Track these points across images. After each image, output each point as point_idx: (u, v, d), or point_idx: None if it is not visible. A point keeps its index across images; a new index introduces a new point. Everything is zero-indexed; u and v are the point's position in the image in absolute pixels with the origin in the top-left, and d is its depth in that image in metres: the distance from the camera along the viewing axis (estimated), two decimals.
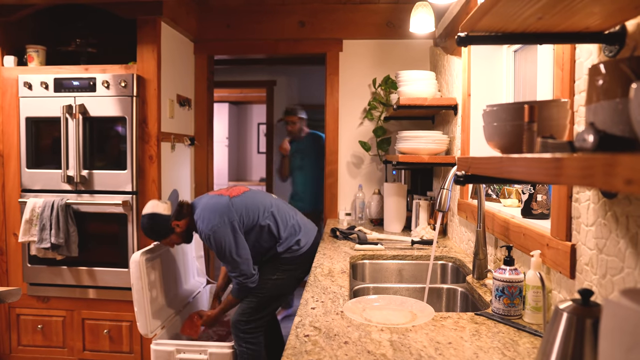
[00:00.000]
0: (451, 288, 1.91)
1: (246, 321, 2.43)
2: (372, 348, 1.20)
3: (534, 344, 1.23)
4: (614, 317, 0.62)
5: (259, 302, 2.46)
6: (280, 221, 2.47)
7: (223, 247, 2.32)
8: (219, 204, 2.39)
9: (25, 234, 2.81)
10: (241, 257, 2.35)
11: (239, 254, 2.35)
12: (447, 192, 1.75)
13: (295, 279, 2.55)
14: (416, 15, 2.65)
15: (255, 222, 2.41)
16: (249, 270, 2.38)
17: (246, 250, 2.37)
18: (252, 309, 2.45)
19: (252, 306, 2.45)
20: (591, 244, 1.15)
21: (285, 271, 2.49)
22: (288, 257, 2.48)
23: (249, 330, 2.43)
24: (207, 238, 2.34)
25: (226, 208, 2.36)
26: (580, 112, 1.20)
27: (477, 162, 0.97)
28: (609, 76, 0.75)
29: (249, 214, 2.40)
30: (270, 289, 2.47)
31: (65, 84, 2.87)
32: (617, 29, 1.02)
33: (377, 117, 3.43)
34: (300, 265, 2.51)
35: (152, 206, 2.41)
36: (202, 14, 3.50)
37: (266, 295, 2.47)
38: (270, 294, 2.47)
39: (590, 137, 0.65)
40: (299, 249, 2.50)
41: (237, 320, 2.46)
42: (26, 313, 3.03)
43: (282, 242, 2.46)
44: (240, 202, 2.41)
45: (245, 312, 2.45)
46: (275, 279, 2.47)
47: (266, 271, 2.49)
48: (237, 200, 2.41)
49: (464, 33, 1.08)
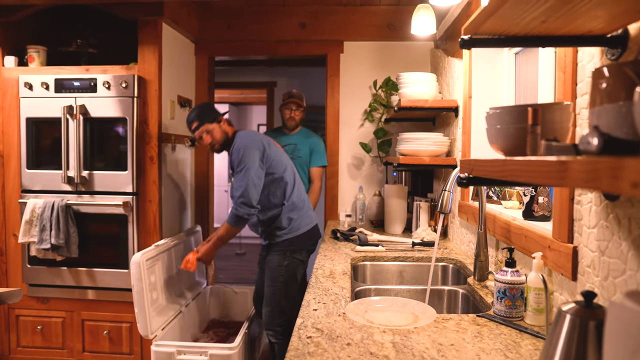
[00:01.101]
0: (452, 290, 1.91)
1: (280, 312, 2.53)
2: (375, 350, 1.20)
3: (536, 345, 1.23)
4: (619, 320, 0.63)
5: (282, 289, 2.55)
6: (296, 187, 2.64)
7: (243, 162, 2.44)
8: (259, 134, 2.67)
9: (25, 235, 2.81)
10: (253, 180, 2.44)
11: (252, 176, 2.44)
12: (449, 194, 1.76)
13: (300, 261, 2.63)
14: (417, 17, 2.66)
15: (276, 171, 2.56)
16: (252, 196, 2.44)
17: (260, 180, 2.48)
18: (279, 296, 2.54)
19: (277, 296, 2.54)
20: (593, 246, 1.16)
21: (291, 255, 2.60)
22: (290, 238, 2.59)
23: (284, 322, 2.53)
24: (237, 151, 2.46)
25: (264, 139, 2.58)
26: (583, 115, 1.20)
27: (480, 164, 0.97)
28: (613, 79, 0.76)
29: (276, 161, 2.57)
30: (284, 274, 2.57)
31: (66, 84, 2.87)
32: (620, 33, 1.02)
33: (377, 118, 3.43)
34: (300, 246, 2.62)
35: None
36: (203, 15, 3.51)
37: (284, 280, 2.56)
38: (285, 279, 2.57)
39: (595, 140, 0.66)
40: (299, 227, 2.60)
41: (271, 312, 2.55)
42: (26, 314, 3.03)
43: (286, 205, 2.58)
44: (275, 149, 2.62)
45: (275, 303, 2.54)
46: (287, 264, 2.57)
47: (277, 260, 2.58)
48: (274, 147, 2.62)
49: (467, 36, 1.08)
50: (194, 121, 2.58)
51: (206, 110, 2.61)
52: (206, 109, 2.63)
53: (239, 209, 2.44)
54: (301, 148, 3.31)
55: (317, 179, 3.33)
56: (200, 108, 2.62)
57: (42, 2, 2.82)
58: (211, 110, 2.63)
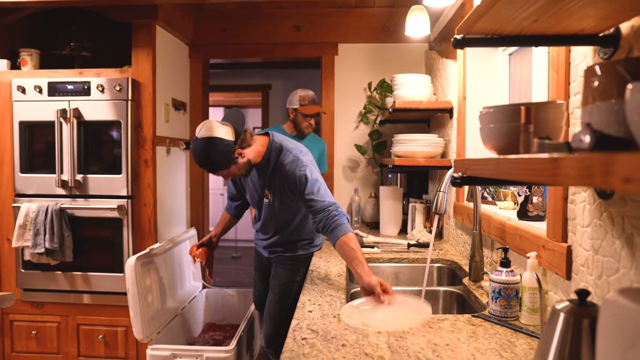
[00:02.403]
0: (448, 290, 1.91)
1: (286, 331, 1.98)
2: (370, 351, 1.19)
3: (531, 345, 1.23)
4: (612, 317, 0.63)
5: (291, 306, 2.19)
6: None
7: (315, 177, 1.99)
8: (300, 144, 2.16)
9: (19, 239, 2.79)
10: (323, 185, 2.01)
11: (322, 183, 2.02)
12: (444, 195, 1.76)
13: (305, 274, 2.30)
14: (411, 19, 2.66)
15: None
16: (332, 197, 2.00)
17: None
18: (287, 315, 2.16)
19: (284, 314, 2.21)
20: (587, 245, 1.16)
21: (304, 270, 2.26)
22: (304, 254, 2.30)
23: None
24: (296, 177, 1.99)
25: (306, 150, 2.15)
26: (576, 114, 1.21)
27: (474, 163, 0.98)
28: (605, 77, 0.76)
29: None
30: (295, 291, 2.24)
31: (59, 87, 2.85)
32: (612, 32, 1.03)
33: (372, 120, 3.44)
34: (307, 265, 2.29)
35: (208, 128, 1.90)
36: (197, 17, 3.51)
37: (294, 297, 2.20)
38: (295, 296, 2.19)
39: (587, 137, 0.66)
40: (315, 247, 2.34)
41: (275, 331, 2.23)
42: (20, 319, 3.00)
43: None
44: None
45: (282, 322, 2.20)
46: (299, 280, 2.26)
47: (287, 275, 2.27)
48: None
49: (460, 35, 1.08)
50: (207, 170, 2.00)
51: (214, 155, 1.89)
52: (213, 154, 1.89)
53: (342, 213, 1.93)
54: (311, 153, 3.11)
55: None
56: (204, 156, 1.90)
57: (35, 5, 2.81)
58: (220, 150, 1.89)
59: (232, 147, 1.92)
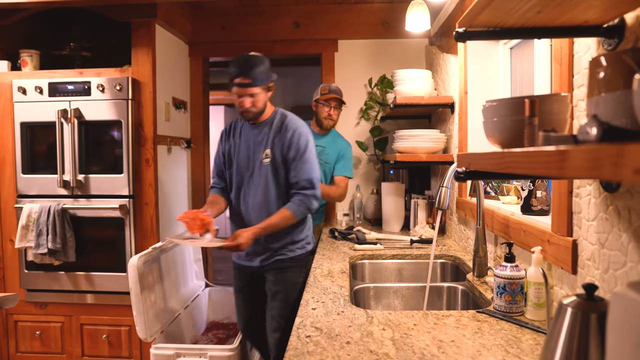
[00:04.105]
0: (452, 286, 1.91)
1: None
2: (375, 347, 1.19)
3: (537, 340, 1.22)
4: (623, 311, 0.62)
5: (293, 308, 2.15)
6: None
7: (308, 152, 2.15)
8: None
9: (22, 240, 2.79)
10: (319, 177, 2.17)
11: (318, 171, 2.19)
12: (447, 190, 1.75)
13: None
14: (411, 14, 2.65)
15: None
16: (319, 193, 2.15)
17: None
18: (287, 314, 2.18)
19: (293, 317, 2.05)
20: (593, 238, 1.15)
21: (306, 269, 2.25)
22: (304, 254, 2.27)
23: None
24: (300, 136, 2.14)
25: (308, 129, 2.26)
26: (580, 106, 1.19)
27: (478, 157, 0.96)
28: (610, 68, 0.75)
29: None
30: (298, 292, 2.18)
31: (59, 88, 2.85)
32: (616, 22, 1.01)
33: (373, 116, 3.42)
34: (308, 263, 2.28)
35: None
36: (196, 16, 3.49)
37: (298, 297, 2.11)
38: (298, 296, 2.12)
39: (594, 129, 0.65)
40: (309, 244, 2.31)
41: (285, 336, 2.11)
42: (24, 319, 3.01)
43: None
44: None
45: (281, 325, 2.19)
46: (302, 281, 2.21)
47: (291, 277, 2.23)
48: None
49: (462, 29, 1.07)
50: (246, 77, 2.06)
51: (266, 69, 2.11)
52: (268, 66, 2.12)
53: (314, 203, 2.09)
54: (329, 153, 2.92)
55: (340, 187, 2.90)
56: (262, 63, 2.09)
57: (35, 6, 2.80)
58: (268, 72, 2.13)
59: (271, 78, 2.17)
